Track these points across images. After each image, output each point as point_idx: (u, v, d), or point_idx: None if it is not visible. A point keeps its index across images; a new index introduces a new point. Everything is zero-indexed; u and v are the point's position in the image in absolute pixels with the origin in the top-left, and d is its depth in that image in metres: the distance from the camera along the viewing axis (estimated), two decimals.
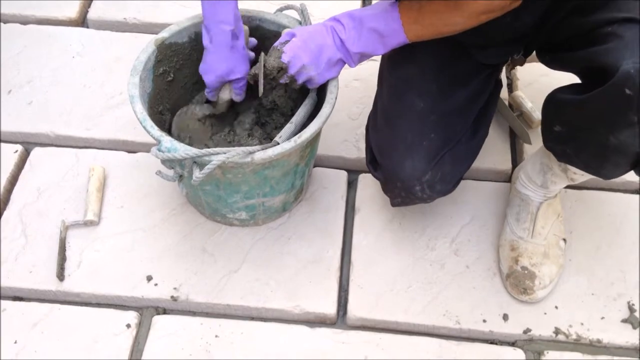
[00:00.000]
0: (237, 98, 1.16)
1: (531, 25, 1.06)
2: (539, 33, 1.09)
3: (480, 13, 0.96)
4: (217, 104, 1.19)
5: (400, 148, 1.07)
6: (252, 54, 1.16)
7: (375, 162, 1.15)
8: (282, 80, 1.08)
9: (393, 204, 1.19)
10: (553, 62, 1.08)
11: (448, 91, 1.10)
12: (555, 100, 1.01)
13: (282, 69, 1.07)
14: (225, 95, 1.17)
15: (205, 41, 1.10)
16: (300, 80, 1.08)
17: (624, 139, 0.90)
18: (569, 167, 1.10)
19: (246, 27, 1.15)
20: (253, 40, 1.18)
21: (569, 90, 0.98)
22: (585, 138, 0.97)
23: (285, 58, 1.06)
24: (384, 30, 1.03)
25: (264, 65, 1.07)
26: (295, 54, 1.06)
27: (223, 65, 1.10)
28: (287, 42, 1.07)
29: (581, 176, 1.11)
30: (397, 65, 1.12)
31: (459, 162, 1.11)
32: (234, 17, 1.07)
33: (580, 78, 1.01)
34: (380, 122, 1.12)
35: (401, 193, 1.11)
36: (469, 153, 1.14)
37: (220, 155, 0.97)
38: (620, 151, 0.93)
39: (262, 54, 1.09)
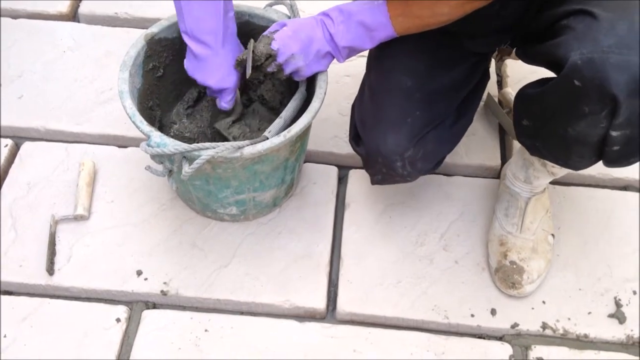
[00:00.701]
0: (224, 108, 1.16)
1: (518, 15, 1.06)
2: (522, 25, 1.10)
3: (465, 2, 0.97)
4: (233, 110, 1.20)
5: (384, 123, 1.08)
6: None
7: (358, 137, 1.15)
8: (269, 69, 1.08)
9: (373, 181, 1.19)
10: (524, 55, 1.09)
11: (434, 72, 1.10)
12: (522, 95, 1.02)
13: (271, 56, 1.06)
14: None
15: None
16: (287, 70, 1.08)
17: (580, 130, 0.91)
18: (546, 161, 1.11)
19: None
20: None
21: (535, 84, 0.99)
22: (548, 131, 0.98)
23: (275, 45, 1.06)
24: (372, 23, 1.04)
25: (253, 51, 1.07)
26: (285, 43, 1.06)
27: (211, 78, 1.11)
28: (277, 31, 1.08)
29: (560, 169, 1.12)
30: (386, 44, 1.13)
31: (441, 142, 1.12)
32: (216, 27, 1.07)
33: (552, 72, 1.02)
34: (366, 98, 1.13)
35: (382, 169, 1.11)
36: (451, 136, 1.15)
37: (210, 150, 0.98)
38: (580, 142, 0.93)
39: (252, 40, 1.09)
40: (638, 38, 0.84)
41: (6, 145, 1.38)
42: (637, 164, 0.98)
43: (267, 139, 1.03)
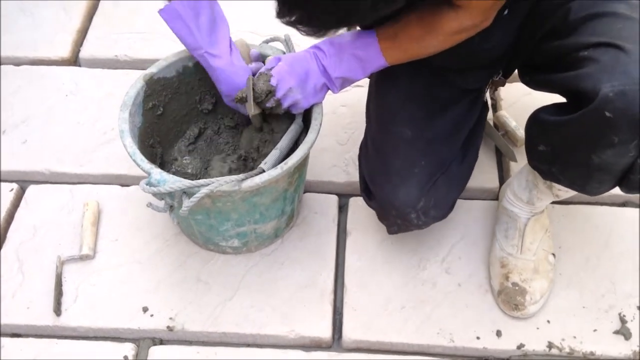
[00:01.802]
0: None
1: (505, 48, 1.09)
2: (516, 55, 1.12)
3: (454, 33, 1.00)
4: (252, 119, 1.21)
5: (392, 177, 1.10)
6: (254, 66, 1.17)
7: (369, 190, 1.17)
8: (268, 104, 1.11)
9: (390, 232, 1.22)
10: (533, 83, 1.11)
11: (432, 118, 1.12)
12: (538, 121, 1.02)
13: (270, 92, 1.10)
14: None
15: None
16: (285, 104, 1.11)
17: (606, 159, 0.92)
18: (554, 184, 1.12)
19: (244, 41, 1.18)
20: (254, 52, 1.20)
21: (552, 110, 1.00)
22: (569, 157, 0.98)
23: (273, 81, 1.09)
24: (363, 55, 1.07)
25: (253, 89, 1.10)
26: (283, 77, 1.09)
27: (221, 86, 1.15)
28: (273, 67, 1.11)
29: (566, 192, 1.13)
30: (381, 96, 1.16)
31: (451, 186, 1.14)
32: (202, 40, 1.10)
33: (563, 96, 1.03)
34: (371, 152, 1.15)
35: (397, 221, 1.14)
36: (460, 177, 1.17)
37: (209, 186, 1.00)
38: (604, 169, 0.94)
39: (250, 76, 1.12)
40: None
41: (12, 190, 1.41)
42: None
43: (264, 171, 1.05)
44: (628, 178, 0.94)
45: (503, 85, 1.25)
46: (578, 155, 0.96)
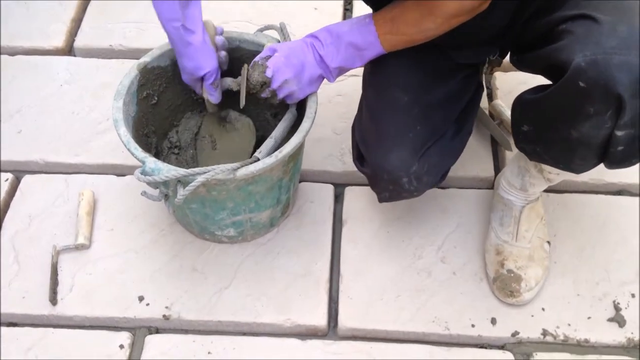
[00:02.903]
0: (212, 99, 1.16)
1: (502, 26, 1.09)
2: (511, 34, 1.12)
3: (451, 17, 0.99)
4: (206, 104, 1.22)
5: (386, 141, 1.09)
6: (223, 53, 1.16)
7: (362, 158, 1.16)
8: (263, 95, 1.10)
9: (380, 199, 1.20)
10: (520, 62, 1.11)
11: (429, 86, 1.12)
12: (521, 101, 1.04)
13: (265, 84, 1.09)
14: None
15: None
16: (281, 95, 1.11)
17: (585, 132, 0.93)
18: (544, 167, 1.12)
19: (210, 22, 1.16)
20: (220, 39, 1.17)
21: (534, 90, 1.01)
22: (550, 134, 0.99)
23: (269, 73, 1.08)
24: (361, 43, 1.07)
25: (248, 79, 1.09)
26: (279, 69, 1.08)
27: (189, 63, 1.11)
28: (269, 57, 1.10)
29: (556, 175, 1.14)
30: (380, 64, 1.15)
31: (444, 155, 1.13)
32: (181, 13, 1.07)
33: (547, 78, 1.04)
34: (365, 117, 1.14)
35: (389, 186, 1.12)
36: (453, 148, 1.16)
37: (204, 175, 1.00)
38: (584, 144, 0.95)
39: (245, 65, 1.11)
40: (639, 40, 0.86)
41: (7, 180, 1.41)
42: (636, 166, 0.99)
43: (259, 159, 1.05)
44: (609, 152, 0.94)
45: (499, 65, 1.25)
46: (558, 131, 0.97)
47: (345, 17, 1.72)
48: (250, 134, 1.26)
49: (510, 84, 1.54)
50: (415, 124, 1.09)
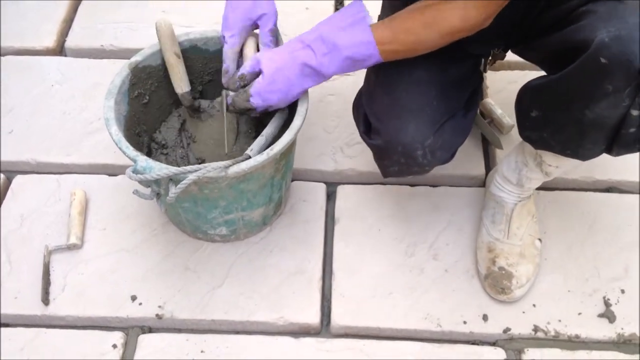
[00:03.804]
0: (267, 45, 1.13)
1: (513, 22, 1.09)
2: (521, 28, 1.12)
3: (454, 32, 0.99)
4: (180, 96, 1.22)
5: (403, 113, 1.08)
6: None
7: (369, 132, 1.15)
8: (251, 114, 1.12)
9: (387, 174, 1.18)
10: (527, 50, 1.12)
11: (445, 66, 1.12)
12: (530, 88, 1.04)
13: (250, 109, 1.09)
14: (249, 50, 1.14)
15: None
16: (267, 110, 1.11)
17: (600, 112, 0.93)
18: (544, 159, 1.13)
19: (170, 24, 1.19)
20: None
21: (542, 77, 1.02)
22: (562, 117, 0.99)
23: (253, 101, 1.07)
24: (360, 57, 1.04)
25: (234, 106, 1.09)
26: (264, 97, 1.07)
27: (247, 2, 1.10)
28: (253, 74, 1.08)
29: (555, 168, 1.14)
30: None
31: (456, 132, 1.13)
32: None
33: (546, 67, 1.04)
34: (379, 93, 1.12)
35: (400, 159, 1.10)
36: (464, 127, 1.16)
37: (195, 173, 1.00)
38: (597, 125, 0.95)
39: (224, 92, 1.12)
40: None
41: None
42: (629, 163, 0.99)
43: (250, 157, 1.05)
44: (620, 134, 0.94)
45: (502, 59, 1.26)
46: (571, 112, 0.97)
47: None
48: (226, 115, 1.23)
49: (500, 82, 1.55)
50: (432, 100, 1.09)
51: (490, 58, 1.26)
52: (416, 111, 1.08)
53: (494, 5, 0.97)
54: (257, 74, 1.08)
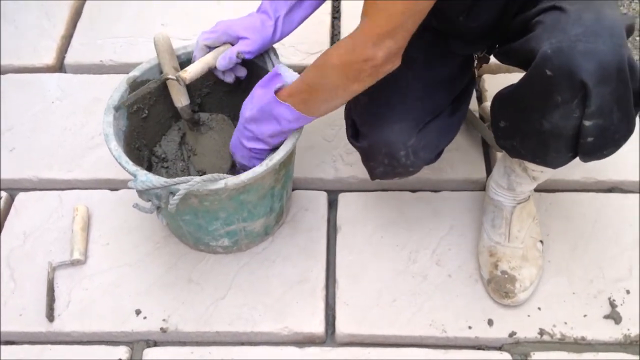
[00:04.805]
0: (221, 62, 1.15)
1: (489, 26, 1.09)
2: (499, 30, 1.13)
3: (340, 66, 0.97)
4: (180, 110, 1.23)
5: (387, 112, 1.09)
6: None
7: (356, 135, 1.16)
8: None
9: (374, 176, 1.18)
10: (501, 55, 1.13)
11: (431, 64, 1.13)
12: (498, 98, 1.05)
13: None
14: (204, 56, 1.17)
15: None
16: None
17: (555, 122, 0.94)
18: (527, 165, 1.13)
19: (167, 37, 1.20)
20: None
21: (507, 87, 1.03)
22: (524, 127, 1.00)
23: None
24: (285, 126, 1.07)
25: None
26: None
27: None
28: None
29: (540, 173, 1.15)
30: None
31: (441, 133, 1.14)
32: None
33: (522, 67, 1.04)
34: (362, 94, 1.10)
35: (384, 160, 1.11)
36: (449, 128, 1.16)
37: (193, 184, 1.00)
38: (555, 135, 0.96)
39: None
40: (603, 27, 0.88)
41: (1, 198, 1.41)
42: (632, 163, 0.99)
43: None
44: (580, 143, 0.95)
45: (487, 62, 1.26)
46: (531, 122, 0.97)
47: (333, 25, 1.74)
48: (227, 126, 1.26)
49: (499, 86, 1.52)
50: (416, 99, 1.10)
51: (475, 62, 1.26)
52: (399, 111, 1.09)
53: (383, 38, 0.94)
54: None
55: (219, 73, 1.20)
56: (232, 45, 1.17)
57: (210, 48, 1.18)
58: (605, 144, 0.95)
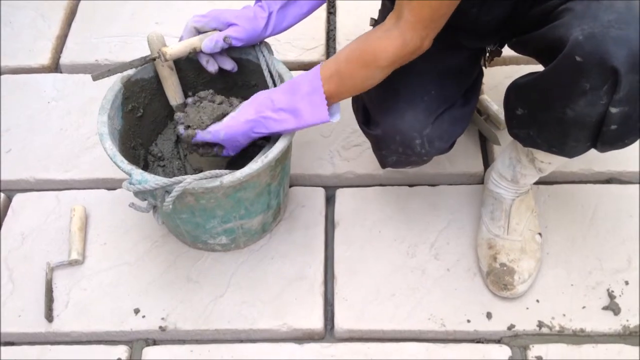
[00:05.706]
0: (207, 45, 1.15)
1: (502, 20, 1.09)
2: (512, 24, 1.12)
3: (391, 64, 1.00)
4: (175, 108, 1.22)
5: (401, 103, 1.09)
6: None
7: (367, 122, 1.16)
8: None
9: (385, 164, 1.18)
10: (518, 45, 1.12)
11: (443, 55, 1.12)
12: (515, 86, 1.05)
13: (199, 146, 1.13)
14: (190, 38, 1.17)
15: None
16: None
17: (579, 110, 0.93)
18: (536, 156, 1.13)
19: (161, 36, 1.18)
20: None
21: (527, 75, 1.02)
22: (545, 115, 1.00)
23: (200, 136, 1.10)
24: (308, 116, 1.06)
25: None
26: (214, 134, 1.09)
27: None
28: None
29: (548, 165, 1.14)
30: None
31: (455, 122, 1.13)
32: None
33: (542, 61, 1.04)
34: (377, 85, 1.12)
35: (398, 149, 1.11)
36: (463, 117, 1.16)
37: (190, 182, 1.00)
38: (578, 123, 0.95)
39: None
40: (636, 14, 0.88)
41: None
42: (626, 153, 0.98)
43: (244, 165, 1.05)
44: (602, 131, 0.94)
45: (499, 55, 1.26)
46: (553, 110, 0.97)
47: (329, 21, 1.73)
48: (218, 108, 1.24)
49: (496, 78, 1.54)
50: (430, 89, 1.10)
51: (487, 55, 1.25)
52: (414, 100, 1.09)
53: (429, 29, 0.97)
54: None
55: (202, 60, 1.18)
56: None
57: (199, 32, 1.17)
58: (628, 132, 0.94)
